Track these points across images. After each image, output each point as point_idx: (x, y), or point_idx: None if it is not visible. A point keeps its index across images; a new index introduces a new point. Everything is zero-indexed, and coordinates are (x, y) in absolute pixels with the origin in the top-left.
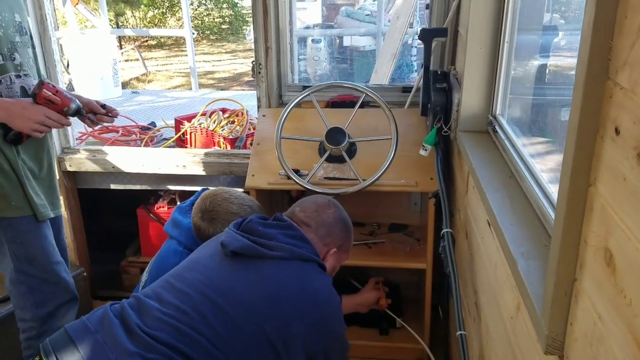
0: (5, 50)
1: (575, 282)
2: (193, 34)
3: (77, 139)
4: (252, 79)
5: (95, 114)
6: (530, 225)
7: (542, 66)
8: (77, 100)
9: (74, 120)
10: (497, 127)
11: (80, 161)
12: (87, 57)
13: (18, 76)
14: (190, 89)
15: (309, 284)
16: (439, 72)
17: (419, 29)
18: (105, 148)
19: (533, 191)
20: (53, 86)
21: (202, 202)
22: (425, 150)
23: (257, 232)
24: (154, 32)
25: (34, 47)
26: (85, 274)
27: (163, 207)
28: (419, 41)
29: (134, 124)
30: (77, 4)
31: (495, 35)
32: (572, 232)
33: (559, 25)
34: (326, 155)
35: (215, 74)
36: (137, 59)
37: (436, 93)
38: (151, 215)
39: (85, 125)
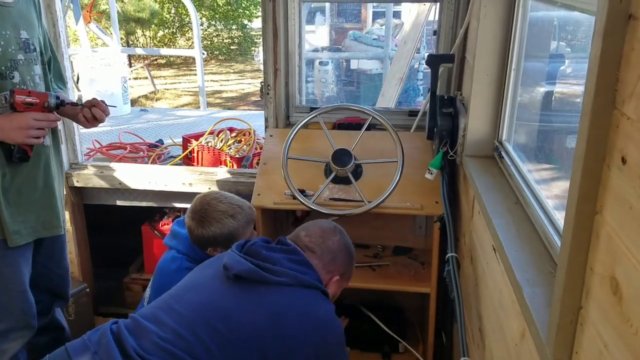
0: (2, 68)
1: (581, 310)
2: (203, 54)
3: (85, 155)
4: (259, 99)
5: (81, 105)
6: (536, 251)
7: (548, 93)
8: (53, 93)
9: (83, 135)
10: (503, 153)
11: (88, 177)
12: (98, 75)
13: None
14: (198, 107)
15: (312, 311)
16: (446, 97)
17: (426, 55)
18: (113, 164)
19: (539, 218)
20: (23, 89)
21: (193, 204)
22: (431, 173)
23: (260, 255)
24: (165, 51)
25: (43, 64)
26: (88, 289)
27: (168, 224)
28: (426, 66)
29: (142, 141)
30: (89, 22)
31: (502, 62)
32: (578, 260)
33: (565, 53)
34: (332, 176)
35: (223, 93)
36: (146, 77)
37: (442, 117)
38: (156, 232)
39: (95, 141)
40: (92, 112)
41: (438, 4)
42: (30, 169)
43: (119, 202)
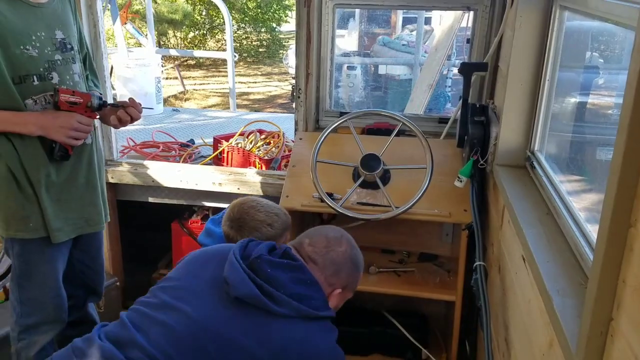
0: (41, 70)
1: (612, 322)
2: (235, 56)
3: (119, 152)
4: (285, 101)
5: (121, 106)
6: (566, 263)
7: (581, 104)
8: (96, 94)
9: (118, 133)
10: (535, 163)
11: (122, 173)
12: (133, 74)
13: (53, 96)
14: (226, 108)
15: (313, 346)
16: (478, 105)
17: (460, 63)
18: (147, 162)
19: (570, 229)
20: (67, 88)
21: (230, 210)
22: (461, 181)
23: (264, 274)
24: (198, 53)
25: (81, 62)
26: (118, 283)
27: (197, 222)
28: (455, 72)
29: (174, 140)
30: (125, 22)
31: (537, 72)
32: (610, 272)
33: (598, 64)
34: (360, 180)
35: (250, 95)
36: (176, 78)
37: (474, 126)
38: (185, 229)
39: (129, 139)
40: (128, 113)
41: (472, 12)
42: (73, 167)
43: (150, 199)
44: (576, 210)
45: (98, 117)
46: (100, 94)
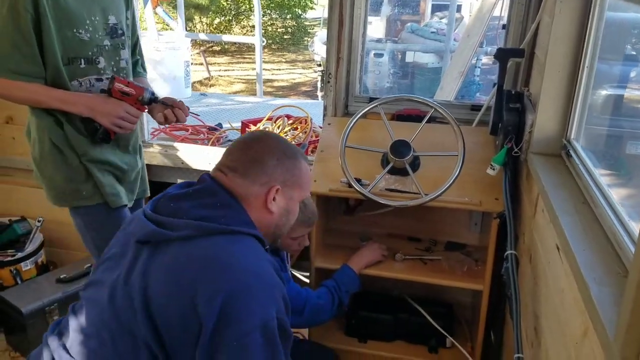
0: (89, 54)
1: None
2: (262, 41)
3: (150, 134)
4: (309, 89)
5: (170, 105)
6: (604, 252)
7: (619, 96)
8: (149, 89)
9: (149, 117)
10: (571, 152)
11: (153, 155)
12: (163, 58)
13: (99, 79)
14: (251, 94)
15: (213, 257)
16: (513, 92)
17: (496, 49)
18: (177, 144)
19: (608, 219)
20: (124, 78)
21: None
22: (494, 169)
23: (167, 210)
24: (226, 38)
25: (130, 48)
26: None
27: None
28: (484, 62)
29: (202, 124)
30: (156, 6)
31: (575, 60)
32: None
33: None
34: (389, 167)
35: (274, 82)
36: (202, 63)
37: (509, 113)
38: None
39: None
40: (175, 113)
41: None
42: (120, 145)
43: (179, 181)
44: (614, 199)
45: (147, 110)
46: (153, 91)
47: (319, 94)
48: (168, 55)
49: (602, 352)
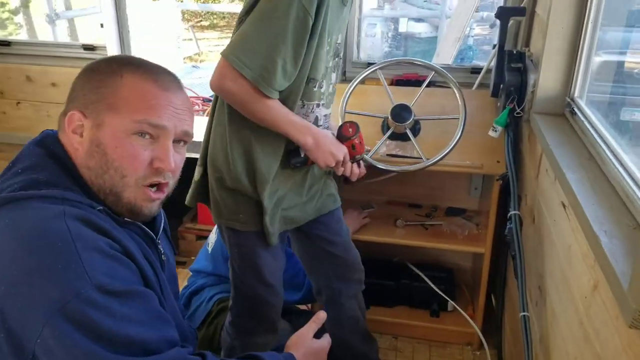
0: (320, 76)
1: None
2: None
3: None
4: None
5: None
6: (613, 206)
7: (620, 63)
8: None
9: None
10: (575, 109)
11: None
12: (153, 28)
13: (318, 105)
14: None
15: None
16: (515, 52)
17: (497, 7)
18: None
19: (617, 172)
20: (357, 126)
21: None
22: (495, 131)
23: None
24: (218, 7)
25: (339, 69)
26: None
27: None
28: (477, 32)
29: (196, 95)
30: None
31: (579, 16)
32: None
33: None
34: (390, 132)
35: None
36: (191, 39)
37: (511, 73)
38: None
39: None
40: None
41: None
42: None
43: None
44: (622, 153)
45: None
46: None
47: None
48: (158, 26)
49: (616, 303)
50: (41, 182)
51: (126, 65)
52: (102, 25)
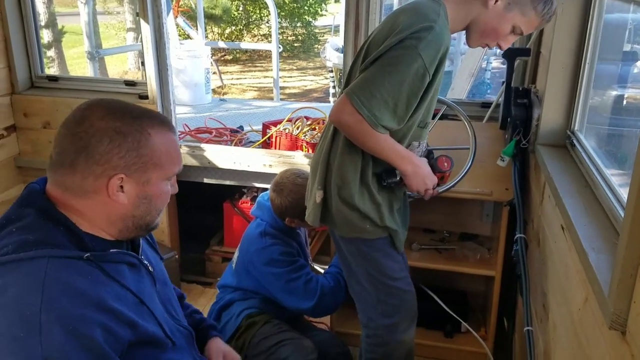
0: (428, 117)
1: None
2: (279, 48)
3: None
4: (320, 95)
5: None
6: (602, 226)
7: (619, 96)
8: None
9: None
10: (575, 141)
11: (182, 156)
12: (185, 65)
13: (422, 143)
14: (270, 99)
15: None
16: (521, 89)
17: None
18: (203, 145)
19: (606, 196)
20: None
21: (276, 177)
22: (503, 161)
23: None
24: (245, 45)
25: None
26: (177, 256)
27: (247, 202)
28: (494, 65)
29: (224, 127)
30: (177, 15)
31: (577, 55)
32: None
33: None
34: None
35: (286, 89)
36: (215, 72)
37: (517, 108)
38: (236, 209)
39: (185, 125)
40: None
41: None
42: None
43: (206, 180)
44: (611, 177)
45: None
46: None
47: (331, 99)
48: (189, 64)
49: (600, 310)
50: (30, 243)
51: (142, 119)
52: (142, 64)
